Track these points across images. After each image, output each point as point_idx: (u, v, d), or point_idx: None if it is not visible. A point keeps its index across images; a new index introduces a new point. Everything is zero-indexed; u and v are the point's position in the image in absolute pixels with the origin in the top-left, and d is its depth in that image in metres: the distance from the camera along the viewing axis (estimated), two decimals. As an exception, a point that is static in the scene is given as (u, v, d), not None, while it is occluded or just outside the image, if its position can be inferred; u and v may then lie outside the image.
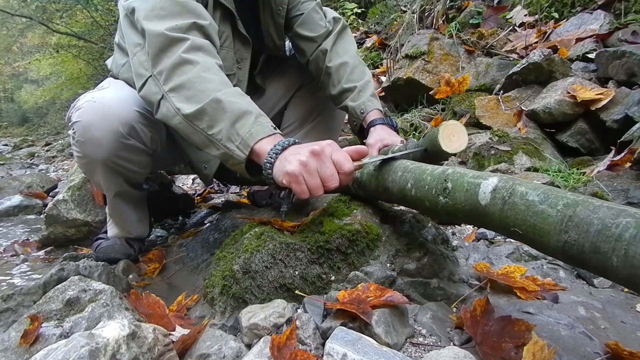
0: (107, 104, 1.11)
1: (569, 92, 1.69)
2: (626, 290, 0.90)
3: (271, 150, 0.86)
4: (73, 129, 1.13)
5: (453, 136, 0.84)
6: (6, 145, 10.68)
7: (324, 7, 1.42)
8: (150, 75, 0.99)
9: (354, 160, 0.86)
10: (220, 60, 1.03)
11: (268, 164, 0.86)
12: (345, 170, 0.83)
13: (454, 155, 0.85)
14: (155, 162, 1.32)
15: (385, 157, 0.91)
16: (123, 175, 1.23)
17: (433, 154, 0.89)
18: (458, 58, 2.52)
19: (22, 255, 1.54)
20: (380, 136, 1.17)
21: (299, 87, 1.53)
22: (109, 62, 1.40)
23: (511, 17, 2.67)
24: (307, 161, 0.82)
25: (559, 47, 2.10)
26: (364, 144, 1.24)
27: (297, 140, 0.89)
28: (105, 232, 1.42)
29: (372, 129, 1.22)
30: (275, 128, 0.91)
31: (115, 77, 1.31)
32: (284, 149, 0.86)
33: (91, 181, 1.39)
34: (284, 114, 1.56)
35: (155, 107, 0.99)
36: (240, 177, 1.44)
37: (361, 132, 1.31)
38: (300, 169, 0.81)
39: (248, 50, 1.25)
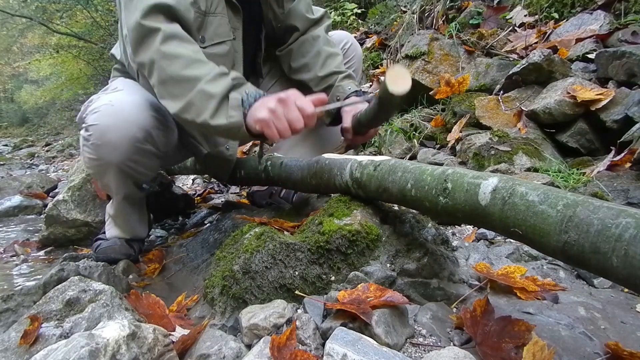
0: (125, 108, 1.12)
1: (569, 93, 1.69)
2: (626, 290, 0.90)
3: (243, 103, 0.98)
4: (88, 132, 1.13)
5: (398, 80, 0.93)
6: (6, 145, 10.70)
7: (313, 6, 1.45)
8: (137, 66, 1.07)
9: (315, 106, 0.98)
10: (195, 43, 1.06)
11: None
12: (308, 113, 0.96)
13: (401, 98, 0.95)
14: (165, 161, 1.33)
15: (340, 104, 1.11)
16: (133, 178, 1.24)
17: (385, 100, 0.99)
18: (458, 58, 2.52)
19: (22, 256, 1.54)
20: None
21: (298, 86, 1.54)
22: (115, 51, 1.39)
23: (511, 18, 2.66)
24: (274, 108, 0.94)
25: (559, 47, 2.10)
26: (339, 117, 1.30)
27: (265, 93, 1.01)
28: (104, 232, 1.43)
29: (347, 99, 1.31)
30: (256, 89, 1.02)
31: (125, 67, 1.33)
32: (255, 100, 0.98)
33: (99, 183, 1.40)
34: None
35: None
36: (241, 177, 1.45)
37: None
38: (269, 115, 0.94)
39: (239, 19, 1.26)
